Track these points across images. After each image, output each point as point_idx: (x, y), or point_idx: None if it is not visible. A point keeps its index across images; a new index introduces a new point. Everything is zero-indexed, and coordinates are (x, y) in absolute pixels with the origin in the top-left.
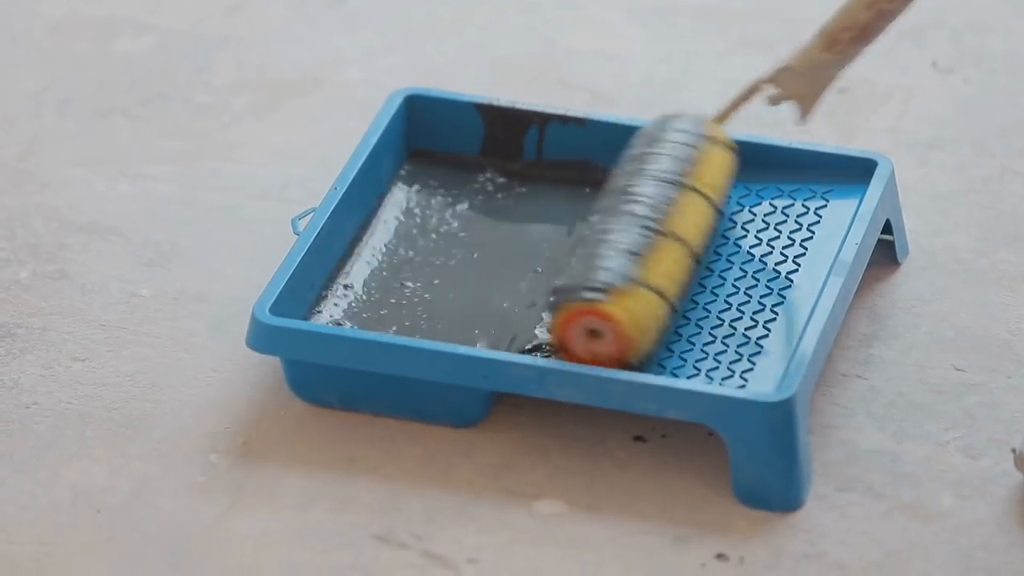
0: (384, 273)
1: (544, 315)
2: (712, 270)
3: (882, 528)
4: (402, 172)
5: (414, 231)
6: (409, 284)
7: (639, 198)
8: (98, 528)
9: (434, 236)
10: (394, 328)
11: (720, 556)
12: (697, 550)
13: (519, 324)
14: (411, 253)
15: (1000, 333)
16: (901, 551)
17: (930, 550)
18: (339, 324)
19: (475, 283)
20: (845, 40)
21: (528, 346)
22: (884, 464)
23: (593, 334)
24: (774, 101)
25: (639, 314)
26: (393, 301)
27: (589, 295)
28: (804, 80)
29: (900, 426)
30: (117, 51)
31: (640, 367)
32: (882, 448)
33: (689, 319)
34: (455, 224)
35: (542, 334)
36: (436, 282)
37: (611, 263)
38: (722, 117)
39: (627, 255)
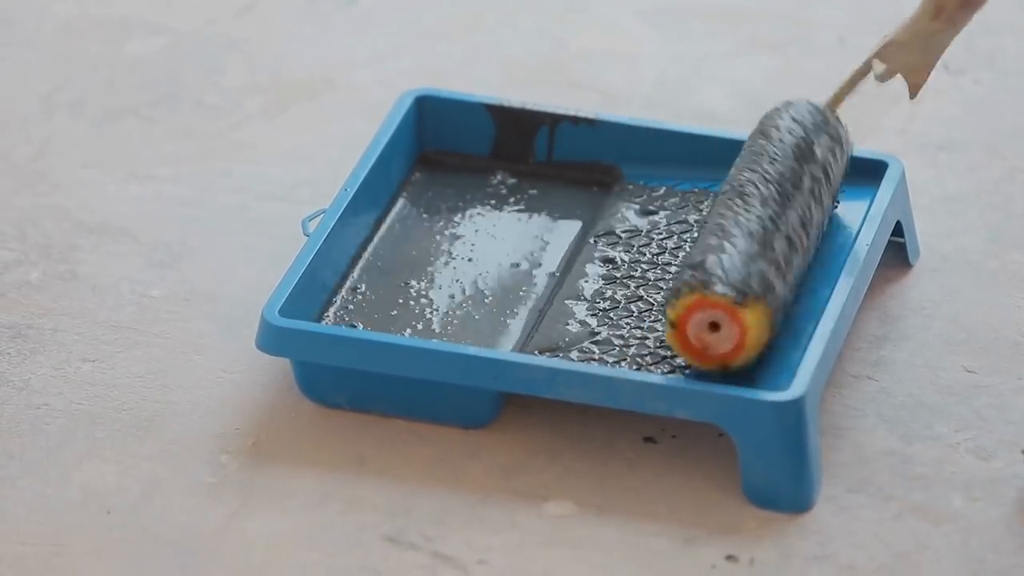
0: (391, 273)
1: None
2: None
3: (892, 530)
4: (412, 174)
5: (423, 232)
6: (414, 284)
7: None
8: (108, 529)
9: (442, 237)
10: (404, 330)
11: (730, 557)
12: (707, 551)
13: (531, 327)
14: (419, 254)
15: (1011, 334)
16: (911, 553)
17: (940, 552)
18: (349, 326)
19: (484, 285)
20: (952, 7)
21: (540, 349)
22: (894, 465)
23: (714, 327)
24: (883, 77)
25: (763, 329)
26: (401, 302)
27: (728, 292)
28: (912, 52)
29: (910, 427)
30: (128, 52)
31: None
32: (892, 449)
33: None
34: (464, 226)
35: (559, 342)
36: (443, 284)
37: (754, 265)
38: (836, 101)
39: (767, 259)
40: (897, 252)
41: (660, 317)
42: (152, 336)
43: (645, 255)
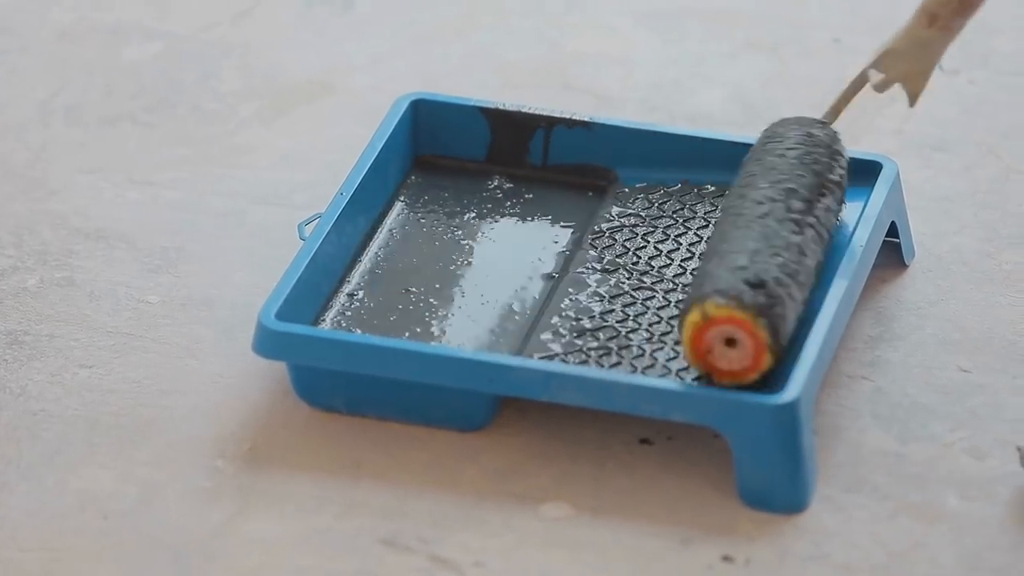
0: (389, 279)
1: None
2: None
3: (888, 529)
4: (408, 177)
5: (419, 237)
6: (414, 290)
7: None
8: (105, 534)
9: (440, 242)
10: (402, 335)
11: (726, 558)
12: (703, 552)
13: (528, 330)
14: (416, 259)
15: (1005, 334)
16: (907, 552)
17: (936, 551)
18: (345, 330)
19: (482, 289)
20: (946, 14)
21: (537, 352)
22: (890, 465)
23: (729, 343)
24: (881, 87)
25: (776, 343)
26: (400, 307)
27: (743, 308)
28: (909, 60)
29: (906, 427)
30: (125, 58)
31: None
32: (888, 449)
33: None
34: (461, 231)
35: (555, 346)
36: (442, 288)
37: (765, 273)
38: (835, 113)
39: (783, 275)
40: (892, 252)
41: (655, 320)
42: (149, 341)
43: (641, 258)
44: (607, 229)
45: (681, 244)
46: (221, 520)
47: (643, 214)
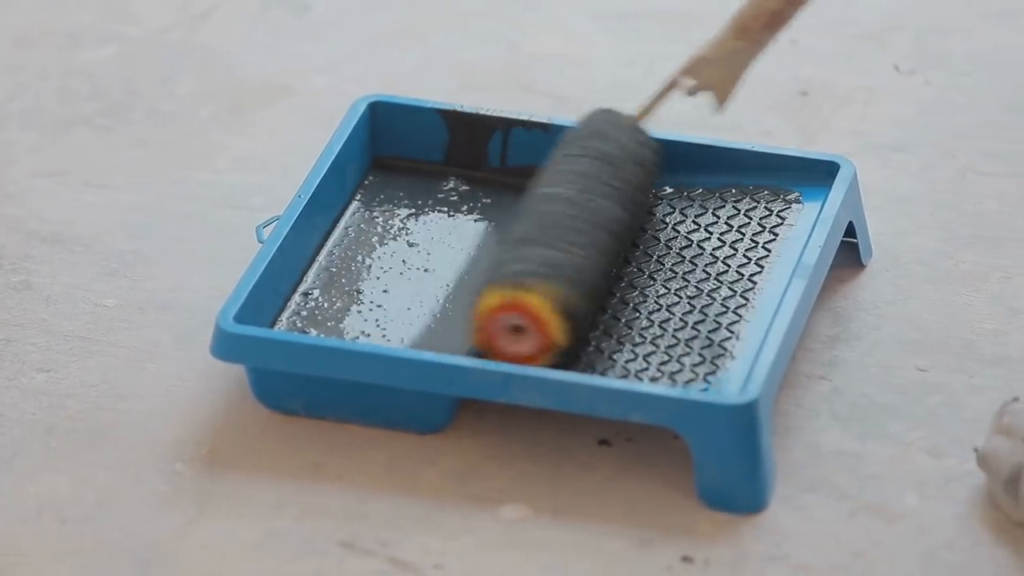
0: (345, 281)
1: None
2: (675, 272)
3: (847, 529)
4: (366, 179)
5: (376, 239)
6: (369, 292)
7: (562, 196)
8: (63, 539)
9: (396, 244)
10: (356, 337)
11: (685, 559)
12: (662, 553)
13: None
14: (372, 261)
15: (963, 333)
16: (866, 551)
17: (895, 550)
18: (301, 332)
19: (437, 292)
20: (757, 27)
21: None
22: (848, 465)
23: (516, 330)
24: (691, 92)
25: (565, 335)
26: (353, 308)
27: (534, 296)
28: (719, 69)
29: (864, 427)
30: (81, 60)
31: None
32: (846, 449)
33: (652, 321)
34: (418, 232)
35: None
36: (397, 290)
37: (534, 257)
38: (644, 113)
39: (550, 248)
40: (850, 252)
41: (612, 322)
42: (106, 345)
43: None
44: None
45: (637, 246)
46: (180, 523)
47: None
